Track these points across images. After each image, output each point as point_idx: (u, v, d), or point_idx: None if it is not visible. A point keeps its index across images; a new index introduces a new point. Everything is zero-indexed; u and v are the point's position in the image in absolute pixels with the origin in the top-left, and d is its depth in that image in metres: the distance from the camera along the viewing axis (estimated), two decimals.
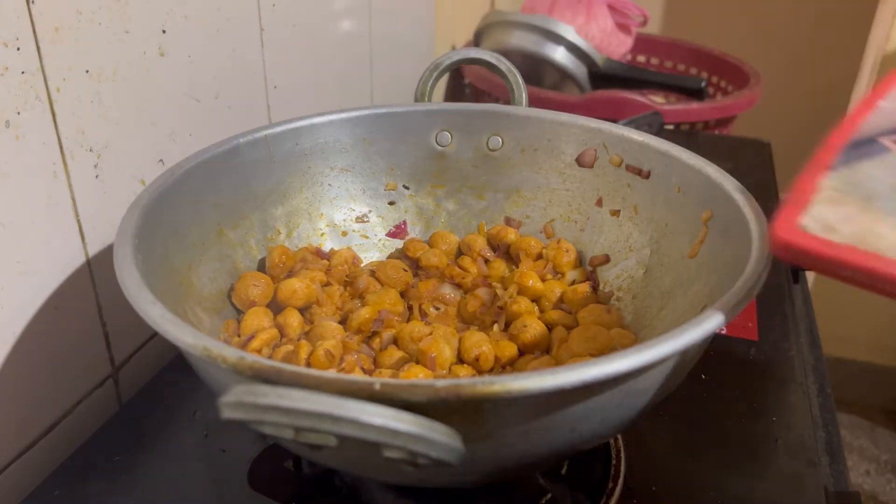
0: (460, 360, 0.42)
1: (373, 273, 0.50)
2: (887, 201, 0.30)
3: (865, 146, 0.34)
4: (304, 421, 0.24)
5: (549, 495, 0.41)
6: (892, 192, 0.30)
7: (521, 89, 0.56)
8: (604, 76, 1.01)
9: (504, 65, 0.56)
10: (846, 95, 1.36)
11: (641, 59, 1.26)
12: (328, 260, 0.52)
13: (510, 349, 0.43)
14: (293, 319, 0.45)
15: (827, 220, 0.28)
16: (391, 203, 0.56)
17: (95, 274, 0.47)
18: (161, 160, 0.52)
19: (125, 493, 0.42)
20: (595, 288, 0.50)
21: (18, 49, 0.39)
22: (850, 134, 0.35)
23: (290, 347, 0.42)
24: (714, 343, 0.52)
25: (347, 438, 0.24)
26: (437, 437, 0.25)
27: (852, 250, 0.27)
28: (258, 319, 0.44)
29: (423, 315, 0.48)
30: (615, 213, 0.50)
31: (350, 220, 0.55)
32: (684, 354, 0.32)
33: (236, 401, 0.24)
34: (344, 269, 0.51)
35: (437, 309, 0.49)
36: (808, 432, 0.47)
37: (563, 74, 1.01)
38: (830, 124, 0.35)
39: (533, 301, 0.48)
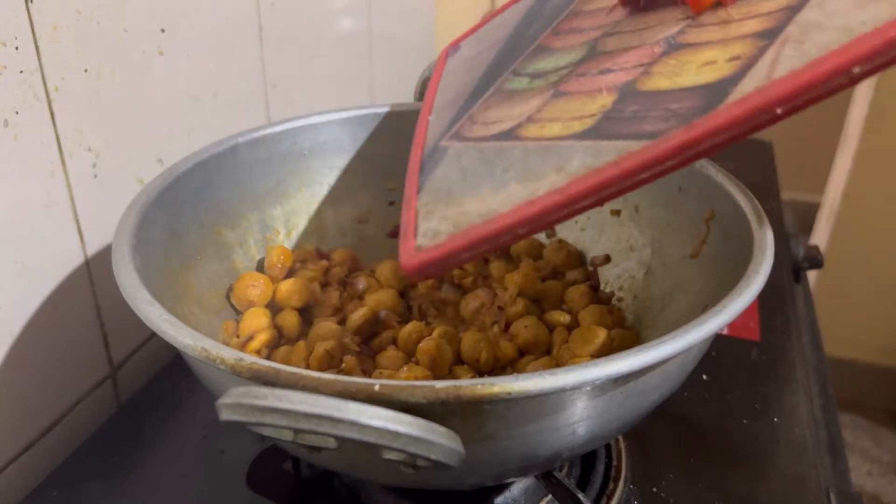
0: (460, 360, 0.42)
1: (372, 273, 0.50)
2: (459, 185, 0.32)
3: (434, 155, 0.36)
4: (302, 423, 0.23)
5: (549, 496, 0.41)
6: (461, 176, 0.32)
7: None
8: None
9: None
10: (847, 95, 1.36)
11: None
12: (327, 260, 0.52)
13: (510, 350, 0.43)
14: (292, 320, 0.45)
15: (431, 230, 0.30)
16: (391, 203, 0.56)
17: (94, 274, 0.47)
18: (160, 160, 0.51)
19: (124, 494, 0.42)
20: (596, 288, 0.50)
21: (17, 48, 0.39)
22: (419, 156, 0.38)
23: (288, 348, 0.42)
24: (715, 343, 0.52)
25: (347, 440, 0.24)
26: (436, 439, 0.24)
27: (452, 238, 0.29)
28: (257, 320, 0.44)
29: (423, 315, 0.48)
30: (616, 212, 0.50)
31: (350, 220, 0.55)
32: (686, 355, 0.31)
33: (234, 402, 0.24)
34: (343, 270, 0.51)
35: (437, 309, 0.48)
36: (809, 433, 0.46)
37: None
38: (831, 124, 0.35)
39: (533, 301, 0.48)
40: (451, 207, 0.31)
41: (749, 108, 0.24)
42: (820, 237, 1.44)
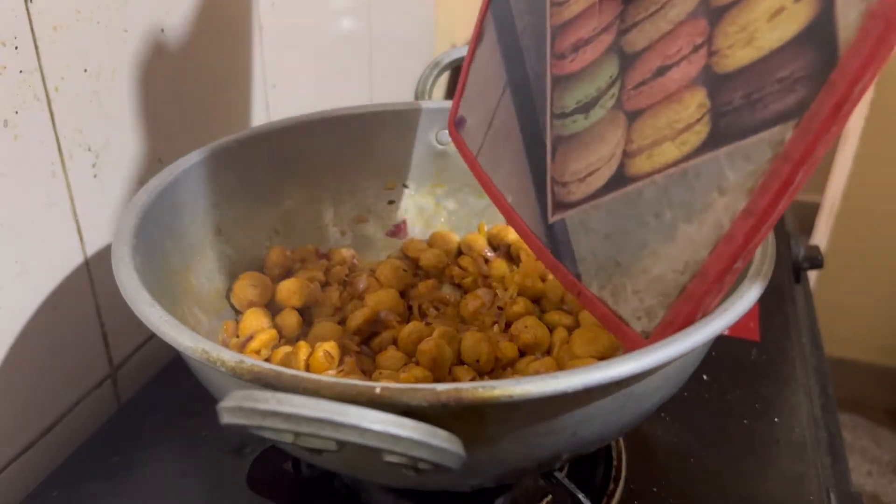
0: (460, 361, 0.42)
1: (372, 273, 0.50)
2: (620, 253, 0.30)
3: (555, 236, 0.34)
4: (304, 427, 0.23)
5: (549, 496, 0.41)
6: (611, 243, 0.31)
7: None
8: None
9: None
10: None
11: None
12: (327, 260, 0.52)
13: (511, 350, 0.43)
14: (292, 320, 0.45)
15: (641, 310, 0.30)
16: (391, 203, 0.56)
17: (94, 274, 0.47)
18: (160, 159, 0.51)
19: (124, 493, 0.42)
20: None
21: (16, 48, 0.39)
22: (541, 245, 0.36)
23: (288, 348, 0.42)
24: (716, 343, 0.52)
25: (348, 444, 0.24)
26: (438, 442, 0.24)
27: (676, 308, 0.29)
28: (257, 320, 0.44)
29: (423, 315, 0.48)
30: None
31: (349, 219, 0.55)
32: (687, 357, 0.31)
33: (236, 406, 0.24)
34: (343, 270, 0.51)
35: (437, 309, 0.48)
36: (809, 433, 0.46)
37: None
38: None
39: (534, 301, 0.48)
40: (637, 278, 0.29)
41: (874, 39, 0.21)
42: (820, 237, 1.44)
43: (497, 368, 0.43)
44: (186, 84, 0.53)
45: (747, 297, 0.31)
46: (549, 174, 0.35)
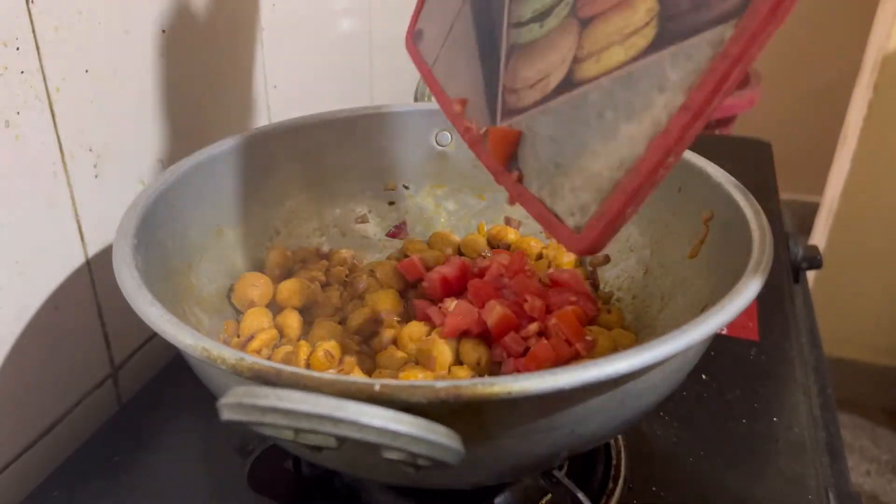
0: (460, 360, 0.42)
1: (372, 273, 0.50)
2: (561, 154, 0.31)
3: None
4: (303, 423, 0.23)
5: (549, 495, 0.41)
6: (554, 145, 0.31)
7: None
8: None
9: None
10: (846, 95, 1.36)
11: None
12: (328, 260, 0.52)
13: None
14: (292, 320, 0.45)
15: (575, 206, 0.30)
16: (391, 203, 0.56)
17: (95, 274, 0.47)
18: (161, 160, 0.52)
19: (124, 493, 0.42)
20: (595, 288, 0.50)
21: (18, 49, 0.39)
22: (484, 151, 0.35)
23: (289, 348, 0.42)
24: (714, 343, 0.52)
25: (347, 440, 0.24)
26: (437, 438, 0.24)
27: (609, 201, 0.28)
28: (257, 320, 0.44)
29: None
30: None
31: (350, 220, 0.55)
32: (685, 356, 0.32)
33: (236, 402, 0.24)
34: (343, 270, 0.51)
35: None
36: (808, 432, 0.47)
37: None
38: (829, 125, 0.35)
39: None
40: (574, 176, 0.29)
41: None
42: (819, 237, 1.44)
43: (497, 370, 0.43)
44: (187, 84, 0.53)
45: (744, 295, 0.31)
46: (501, 82, 0.35)
